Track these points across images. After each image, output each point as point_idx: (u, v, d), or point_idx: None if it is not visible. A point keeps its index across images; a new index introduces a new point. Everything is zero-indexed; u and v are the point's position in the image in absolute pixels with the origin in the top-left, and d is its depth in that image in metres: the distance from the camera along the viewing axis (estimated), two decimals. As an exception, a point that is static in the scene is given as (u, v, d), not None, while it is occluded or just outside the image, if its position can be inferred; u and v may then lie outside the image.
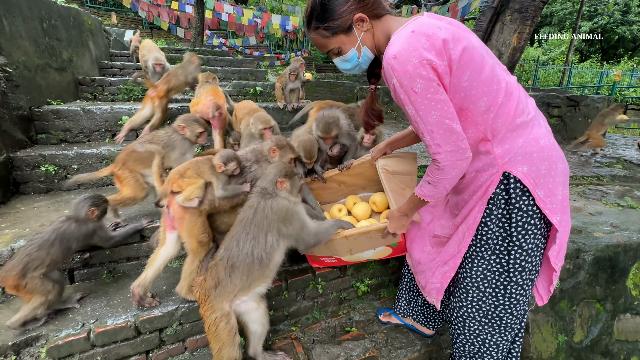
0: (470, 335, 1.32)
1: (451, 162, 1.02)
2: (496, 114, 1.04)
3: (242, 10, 12.51)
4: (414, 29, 0.97)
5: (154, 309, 1.46)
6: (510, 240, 1.13)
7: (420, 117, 0.99)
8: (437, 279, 1.33)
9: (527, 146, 1.06)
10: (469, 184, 1.18)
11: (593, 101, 4.73)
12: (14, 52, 2.30)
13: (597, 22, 18.63)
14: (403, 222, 1.33)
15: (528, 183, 1.05)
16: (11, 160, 2.09)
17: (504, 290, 1.19)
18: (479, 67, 1.00)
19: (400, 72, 0.96)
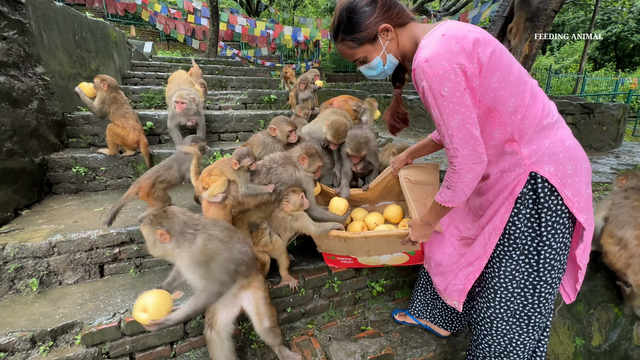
0: (497, 336, 1.33)
1: (467, 165, 1.07)
2: (524, 115, 1.09)
3: (255, 23, 12.88)
4: (444, 33, 1.02)
5: (179, 301, 1.53)
6: (540, 240, 1.15)
7: (444, 120, 1.04)
8: (460, 281, 1.35)
9: (554, 147, 1.10)
10: (493, 185, 1.22)
11: (608, 108, 4.69)
12: (51, 62, 2.47)
13: (610, 30, 18.43)
14: (425, 231, 1.36)
15: (555, 182, 1.08)
16: (46, 162, 2.23)
17: (533, 289, 1.21)
18: (508, 68, 1.05)
19: (430, 75, 1.00)
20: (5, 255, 1.55)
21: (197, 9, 12.86)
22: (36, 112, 2.18)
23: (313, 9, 21.11)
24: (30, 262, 1.59)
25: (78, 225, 1.78)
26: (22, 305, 1.51)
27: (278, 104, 4.34)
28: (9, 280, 1.57)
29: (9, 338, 1.32)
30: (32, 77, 2.19)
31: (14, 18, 2.04)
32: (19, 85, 2.02)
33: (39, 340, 1.36)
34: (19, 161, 1.96)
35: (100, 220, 1.86)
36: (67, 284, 1.68)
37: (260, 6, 17.65)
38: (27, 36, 2.16)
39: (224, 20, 12.20)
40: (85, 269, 1.70)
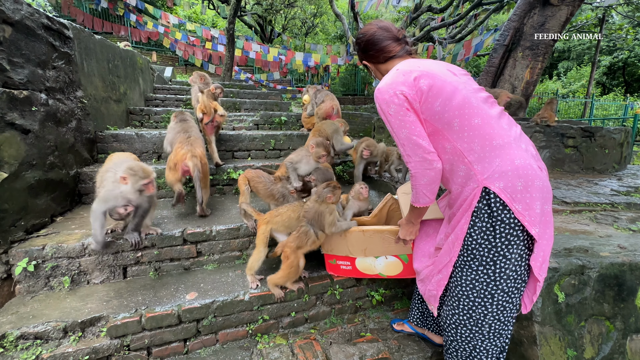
0: (462, 342, 1.44)
1: (420, 170, 1.29)
2: (471, 134, 1.23)
3: (268, 49, 13.60)
4: (398, 68, 1.34)
5: (194, 301, 1.69)
6: (495, 251, 1.25)
7: (395, 133, 1.31)
8: (433, 287, 1.48)
9: (503, 165, 1.21)
10: (456, 198, 1.35)
11: (609, 132, 4.80)
12: (88, 87, 2.79)
13: (617, 56, 18.66)
14: (410, 229, 1.54)
15: (505, 197, 1.19)
16: (79, 175, 2.48)
17: (492, 298, 1.32)
18: (450, 96, 1.25)
19: (380, 99, 1.31)
20: (45, 254, 1.75)
21: (214, 36, 13.73)
22: (74, 131, 2.46)
23: (324, 36, 22.13)
24: (64, 262, 1.79)
25: (106, 231, 1.98)
26: (55, 300, 1.70)
27: (288, 125, 4.61)
28: (45, 277, 1.76)
29: (45, 327, 1.49)
30: (73, 100, 2.49)
31: (63, 50, 2.36)
32: (62, 107, 2.31)
33: (70, 330, 1.53)
34: (58, 173, 2.21)
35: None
36: (94, 283, 1.86)
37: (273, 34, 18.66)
38: (71, 65, 2.48)
39: (239, 47, 12.96)
40: (111, 270, 1.89)
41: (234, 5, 10.49)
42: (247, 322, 1.81)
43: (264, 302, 1.82)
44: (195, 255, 2.04)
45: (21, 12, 1.91)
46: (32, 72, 2.00)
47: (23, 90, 1.91)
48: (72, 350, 1.48)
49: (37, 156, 2.01)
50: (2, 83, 1.78)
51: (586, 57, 20.09)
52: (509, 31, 6.19)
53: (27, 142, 1.92)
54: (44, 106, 2.08)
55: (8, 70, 1.81)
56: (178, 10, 18.11)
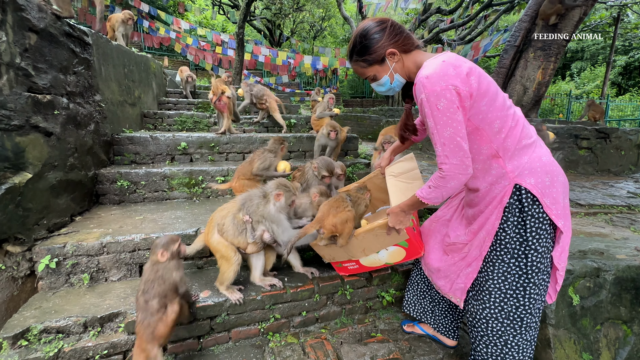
0: (493, 337, 1.44)
1: (453, 173, 1.25)
2: (507, 135, 1.28)
3: (277, 53, 13.74)
4: (444, 60, 1.21)
5: (208, 298, 1.73)
6: (527, 245, 1.31)
7: (437, 130, 1.21)
8: (461, 280, 1.51)
9: (532, 162, 1.29)
10: (484, 196, 1.39)
11: (625, 133, 4.70)
12: (106, 91, 2.88)
13: (633, 56, 18.21)
14: (401, 218, 1.52)
15: (536, 192, 1.26)
16: (96, 176, 2.57)
17: (524, 291, 1.34)
18: (494, 95, 1.25)
19: (429, 90, 1.18)
20: (66, 252, 1.81)
21: (224, 41, 13.95)
22: (92, 133, 2.55)
23: (332, 39, 22.24)
24: (84, 260, 1.85)
25: (123, 230, 2.04)
26: (75, 296, 1.76)
27: (297, 128, 4.65)
28: (66, 274, 1.83)
29: (67, 322, 1.55)
30: (92, 103, 2.58)
31: (82, 56, 2.45)
32: (82, 111, 2.40)
33: (89, 325, 1.59)
34: (77, 174, 2.29)
35: (141, 226, 2.12)
36: (111, 280, 1.92)
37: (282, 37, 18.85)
38: (90, 70, 2.57)
39: (249, 51, 13.13)
40: (128, 268, 1.95)
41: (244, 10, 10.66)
42: (259, 320, 1.84)
43: (276, 301, 1.85)
44: (208, 254, 2.08)
45: (45, 20, 1.99)
46: (55, 77, 2.08)
47: (46, 95, 1.99)
48: (92, 345, 1.53)
49: (59, 157, 2.09)
50: (27, 88, 1.86)
51: (600, 57, 19.67)
52: (520, 31, 6.12)
53: (49, 144, 2.00)
54: (65, 110, 2.16)
55: (33, 76, 1.89)
56: (189, 15, 18.48)
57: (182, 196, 2.82)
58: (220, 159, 3.31)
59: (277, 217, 1.73)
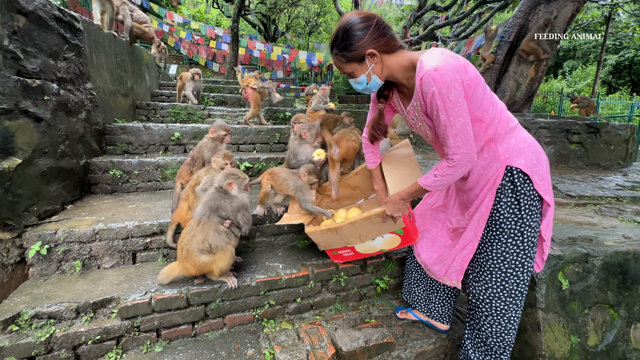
0: (497, 315, 1.48)
1: (463, 162, 1.27)
2: (499, 120, 1.32)
3: (272, 48, 13.65)
4: (442, 52, 1.20)
5: (202, 284, 1.73)
6: (522, 222, 1.36)
7: (450, 121, 1.20)
8: (457, 263, 1.54)
9: (520, 144, 1.35)
10: (477, 181, 1.42)
11: (614, 128, 4.78)
12: (97, 79, 2.83)
13: (623, 55, 18.51)
14: (399, 206, 1.54)
15: (527, 171, 1.31)
16: (88, 165, 2.53)
17: (522, 267, 1.40)
18: (484, 86, 1.29)
19: (440, 82, 1.15)
20: (57, 238, 1.79)
21: (218, 35, 13.80)
22: (84, 122, 2.51)
23: (327, 35, 22.16)
24: (76, 247, 1.83)
25: (116, 218, 2.02)
26: (67, 283, 1.74)
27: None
28: (57, 261, 1.80)
29: (58, 307, 1.53)
30: (83, 91, 2.54)
31: (73, 42, 2.40)
32: (73, 98, 2.35)
33: (82, 311, 1.57)
34: (68, 162, 2.25)
35: (134, 215, 2.11)
36: (104, 267, 1.90)
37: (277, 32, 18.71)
38: (81, 57, 2.52)
39: (243, 46, 13.01)
40: (121, 255, 1.93)
41: (238, 3, 10.54)
42: (253, 307, 1.84)
43: (271, 287, 1.85)
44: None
45: (34, 2, 1.95)
46: (45, 62, 2.04)
47: (36, 80, 1.95)
48: (85, 330, 1.52)
49: (49, 144, 2.05)
50: (16, 72, 1.82)
51: (592, 56, 19.94)
52: (514, 28, 6.18)
53: (39, 130, 1.97)
54: (55, 96, 2.12)
55: (22, 59, 1.85)
56: (182, 9, 18.23)
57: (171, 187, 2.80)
58: (214, 149, 3.28)
59: (247, 204, 1.78)
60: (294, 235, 2.33)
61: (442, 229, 1.71)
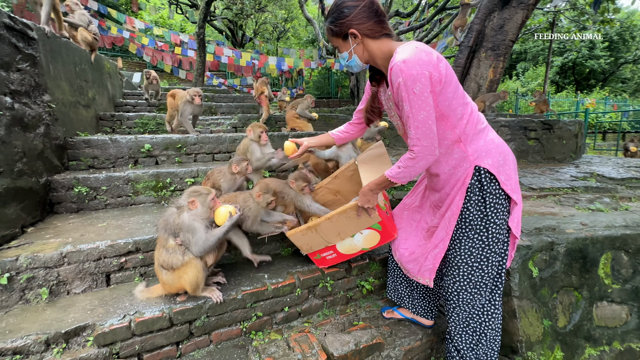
0: (464, 305, 1.56)
1: (423, 154, 1.33)
2: (467, 121, 1.39)
3: (240, 53, 13.46)
4: (417, 46, 1.26)
5: (185, 302, 1.66)
6: (487, 219, 1.43)
7: (413, 113, 1.26)
8: (429, 262, 1.60)
9: (487, 145, 1.43)
10: (448, 180, 1.49)
11: (565, 124, 5.22)
12: (56, 91, 2.65)
13: (567, 57, 20.30)
14: (369, 197, 1.59)
15: (494, 171, 1.38)
16: (49, 183, 2.35)
17: (487, 261, 1.47)
18: (456, 85, 1.35)
19: (406, 74, 1.21)
20: (19, 266, 1.64)
21: (184, 41, 13.39)
22: (42, 137, 2.33)
23: (295, 41, 22.26)
24: (41, 273, 1.69)
25: (85, 238, 1.89)
26: (33, 313, 1.59)
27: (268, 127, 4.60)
28: (20, 290, 1.65)
29: (24, 341, 1.40)
30: (40, 104, 2.36)
31: (27, 52, 2.24)
32: (29, 112, 2.18)
33: (52, 342, 1.45)
34: (27, 181, 2.08)
35: (105, 233, 1.98)
36: (74, 293, 1.77)
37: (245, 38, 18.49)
38: (37, 68, 2.35)
39: (211, 52, 12.72)
40: (93, 278, 1.80)
41: (204, 9, 10.32)
42: (240, 320, 1.80)
43: (257, 298, 1.82)
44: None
45: (-19, 10, 1.80)
46: (-4, 75, 1.88)
47: (-14, 93, 1.79)
48: (57, 363, 1.40)
49: (4, 163, 1.88)
50: (-37, 85, 1.67)
51: (541, 58, 21.65)
52: (473, 33, 6.58)
53: (-8, 148, 1.80)
54: (9, 110, 1.96)
55: (-31, 72, 1.69)
56: (143, 14, 17.52)
57: (149, 200, 2.67)
58: (188, 160, 3.18)
59: (190, 225, 1.61)
60: (276, 244, 2.30)
61: (417, 229, 1.78)
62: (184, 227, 1.62)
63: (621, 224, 2.31)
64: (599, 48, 19.66)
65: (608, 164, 5.15)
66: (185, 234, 1.62)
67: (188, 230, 1.62)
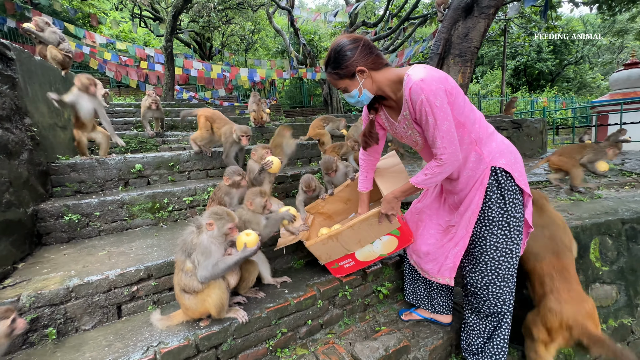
0: (493, 299, 1.65)
1: (450, 161, 1.43)
2: (479, 125, 1.51)
3: (210, 66, 13.26)
4: (424, 67, 1.37)
5: (210, 326, 1.59)
6: (508, 214, 1.54)
7: (437, 125, 1.36)
8: (450, 260, 1.68)
9: (499, 146, 1.55)
10: (467, 182, 1.59)
11: (532, 123, 5.66)
12: (35, 113, 2.47)
13: (519, 60, 22.04)
14: (393, 205, 1.67)
15: (509, 169, 1.50)
16: (36, 212, 2.17)
17: (511, 252, 1.58)
18: (463, 94, 1.46)
19: (427, 90, 1.32)
20: (22, 306, 1.50)
21: (150, 55, 12.96)
22: (27, 163, 2.16)
23: (264, 52, 22.28)
24: (46, 311, 1.55)
25: (90, 269, 1.77)
26: (41, 357, 1.45)
27: (253, 139, 4.57)
28: (22, 334, 1.50)
29: (40, 389, 1.28)
30: (22, 128, 2.19)
31: (6, 74, 2.08)
32: (12, 137, 2.02)
33: (71, 386, 1.33)
34: (15, 212, 1.91)
35: (110, 262, 1.86)
36: (84, 329, 1.64)
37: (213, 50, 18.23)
38: (16, 90, 2.18)
39: (179, 65, 12.40)
40: (103, 311, 1.68)
41: (171, 22, 10.09)
42: (266, 338, 1.75)
43: (281, 314, 1.79)
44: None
45: (-39, 31, 1.65)
46: (-23, 99, 1.73)
47: (-30, 120, 1.64)
48: (79, 408, 1.29)
49: (-7, 195, 1.72)
50: (-55, 113, 1.51)
51: (496, 62, 23.30)
52: (440, 41, 6.97)
53: (-21, 179, 1.65)
54: (-6, 137, 1.80)
55: (-49, 98, 1.55)
56: (103, 29, 16.74)
57: (146, 223, 2.55)
58: (181, 178, 3.07)
59: (207, 247, 1.54)
60: (288, 257, 2.28)
61: (431, 231, 1.85)
62: (199, 248, 1.55)
63: (601, 211, 2.55)
64: (546, 51, 21.57)
65: (571, 156, 5.62)
66: (198, 255, 1.55)
67: (203, 252, 1.55)
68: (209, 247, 1.55)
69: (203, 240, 1.56)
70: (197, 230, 1.58)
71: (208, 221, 1.59)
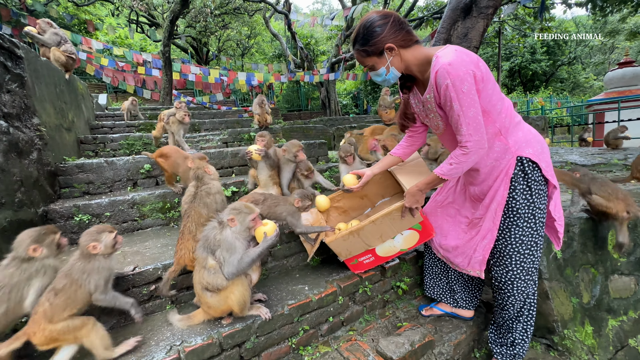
0: (518, 294, 1.61)
1: (475, 149, 1.39)
2: (505, 114, 1.46)
3: (208, 71, 13.24)
4: (455, 49, 1.33)
5: (233, 324, 1.55)
6: (534, 206, 1.50)
7: (463, 111, 1.33)
8: (479, 253, 1.63)
9: (526, 135, 1.51)
10: (490, 172, 1.54)
11: (534, 120, 5.71)
12: (43, 113, 2.42)
13: (513, 61, 22.32)
14: (417, 197, 1.64)
15: (536, 159, 1.45)
16: (46, 213, 2.12)
17: (536, 245, 1.55)
18: (494, 80, 1.42)
19: (454, 75, 1.28)
20: (39, 306, 1.44)
21: (147, 60, 12.92)
22: (36, 163, 2.11)
23: (261, 56, 22.34)
24: (64, 312, 1.49)
25: (106, 269, 1.71)
26: (60, 359, 1.40)
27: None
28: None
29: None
30: (31, 128, 2.15)
31: (15, 72, 2.04)
32: (22, 136, 1.98)
33: (94, 388, 1.28)
34: (27, 212, 1.86)
35: (125, 261, 1.82)
36: (102, 330, 1.58)
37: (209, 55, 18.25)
38: (25, 89, 2.14)
39: (177, 70, 12.36)
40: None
41: (168, 27, 10.09)
42: (288, 336, 1.71)
43: (303, 311, 1.75)
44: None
45: (-27, 26, 1.62)
46: (-11, 96, 1.69)
47: (-18, 117, 1.60)
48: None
49: (5, 194, 1.68)
50: (-42, 109, 1.48)
51: (491, 64, 23.53)
52: (440, 42, 7.03)
53: (-8, 177, 1.60)
54: (5, 135, 1.76)
55: (-36, 94, 1.51)
56: (99, 35, 16.69)
57: (157, 223, 2.50)
58: (190, 178, 3.02)
59: (232, 243, 1.51)
60: (305, 254, 2.24)
61: (454, 224, 1.81)
62: (224, 245, 1.52)
63: (615, 202, 2.54)
64: (539, 53, 21.86)
65: (573, 153, 5.66)
66: (222, 252, 1.51)
67: (228, 248, 1.51)
68: (234, 243, 1.51)
69: (227, 236, 1.52)
70: (220, 226, 1.54)
71: (229, 217, 1.55)
